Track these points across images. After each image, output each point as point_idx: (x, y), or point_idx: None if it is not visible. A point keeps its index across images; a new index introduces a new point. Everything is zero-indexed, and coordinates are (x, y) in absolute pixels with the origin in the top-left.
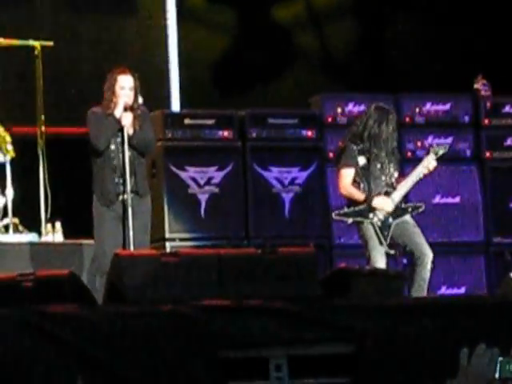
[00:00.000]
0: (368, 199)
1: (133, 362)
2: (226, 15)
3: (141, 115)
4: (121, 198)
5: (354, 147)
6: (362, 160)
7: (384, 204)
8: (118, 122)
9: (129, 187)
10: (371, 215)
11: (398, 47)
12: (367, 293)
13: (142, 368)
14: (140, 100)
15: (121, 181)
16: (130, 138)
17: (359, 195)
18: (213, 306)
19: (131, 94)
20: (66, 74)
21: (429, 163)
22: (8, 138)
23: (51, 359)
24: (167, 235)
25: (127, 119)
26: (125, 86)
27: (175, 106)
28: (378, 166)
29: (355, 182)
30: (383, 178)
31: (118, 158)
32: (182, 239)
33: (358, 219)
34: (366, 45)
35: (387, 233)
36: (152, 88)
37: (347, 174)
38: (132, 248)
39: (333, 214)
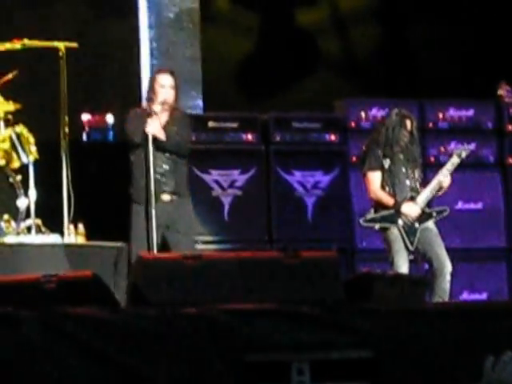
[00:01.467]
0: (397, 205)
1: (156, 365)
2: (250, 18)
3: (179, 118)
4: (159, 199)
5: (379, 151)
6: (386, 164)
7: (412, 210)
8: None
9: (163, 188)
10: (399, 220)
11: (423, 52)
12: (390, 297)
13: (166, 372)
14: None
15: (158, 180)
16: (162, 141)
17: (388, 200)
18: (236, 309)
19: (171, 93)
20: (90, 75)
21: (452, 166)
22: (32, 140)
23: (72, 361)
24: None
25: (163, 118)
26: (164, 85)
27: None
28: (403, 170)
29: (381, 186)
30: (407, 182)
31: (154, 159)
32: (204, 242)
33: (386, 225)
34: (390, 49)
35: (413, 238)
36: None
37: (375, 178)
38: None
39: (360, 220)
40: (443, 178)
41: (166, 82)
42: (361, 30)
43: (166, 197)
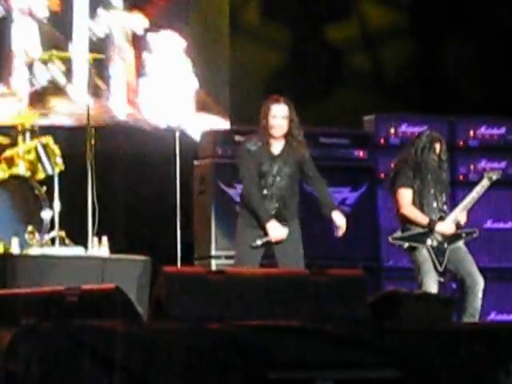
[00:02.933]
0: (432, 223)
1: (178, 380)
2: (279, 32)
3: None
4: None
5: (409, 171)
6: (415, 184)
7: (447, 229)
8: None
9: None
10: (428, 240)
11: (454, 69)
12: (417, 317)
13: None
14: None
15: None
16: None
17: (422, 217)
18: (260, 326)
19: (285, 124)
20: None
21: (482, 188)
22: (57, 151)
23: (94, 374)
24: (213, 252)
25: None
26: (277, 115)
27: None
28: (431, 191)
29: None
30: (435, 204)
31: (271, 185)
32: (228, 257)
33: (415, 244)
34: (420, 66)
35: (442, 258)
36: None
37: (407, 194)
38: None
39: (389, 238)
40: (475, 196)
41: (278, 112)
42: (391, 46)
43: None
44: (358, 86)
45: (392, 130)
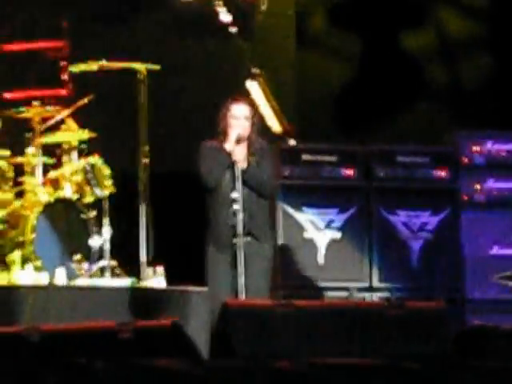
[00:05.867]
0: None
1: None
2: (349, 41)
3: (259, 150)
4: (234, 241)
5: None
6: None
7: None
8: (230, 156)
9: (240, 229)
10: None
11: None
12: (505, 354)
13: None
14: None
15: (235, 223)
16: (242, 174)
17: None
18: (334, 364)
19: (246, 125)
20: (171, 102)
21: None
22: (107, 172)
23: None
24: (281, 282)
25: (239, 153)
26: (238, 116)
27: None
28: None
29: None
30: None
31: (231, 197)
32: (296, 287)
33: None
34: (502, 80)
35: None
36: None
37: None
38: (243, 295)
39: (495, 278)
40: None
41: (239, 113)
42: (470, 57)
43: (239, 239)
44: (435, 99)
45: (476, 148)
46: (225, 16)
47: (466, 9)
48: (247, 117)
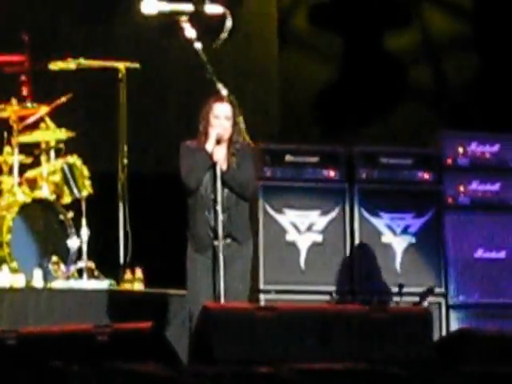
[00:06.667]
0: None
1: None
2: (333, 41)
3: (239, 151)
4: (214, 243)
5: None
6: None
7: None
8: (210, 156)
9: (220, 231)
10: None
11: None
12: (490, 359)
13: None
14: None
15: (215, 224)
16: (222, 175)
17: None
18: (315, 369)
19: (227, 125)
20: (152, 100)
21: None
22: (86, 172)
23: None
24: (262, 286)
25: (220, 154)
26: (219, 115)
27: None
28: None
29: None
30: None
31: (211, 198)
32: (278, 291)
33: None
34: (488, 79)
35: None
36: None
37: None
38: (223, 299)
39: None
40: None
41: (221, 112)
42: (455, 57)
43: (219, 241)
44: (418, 100)
45: (460, 150)
46: (189, 32)
47: (451, 8)
48: (228, 117)
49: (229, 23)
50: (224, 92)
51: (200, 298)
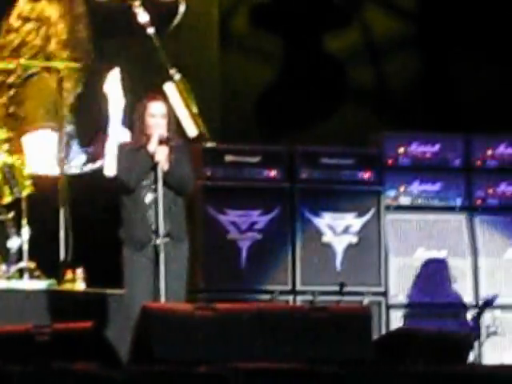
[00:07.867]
0: None
1: None
2: (273, 42)
3: (176, 148)
4: (153, 242)
5: None
6: None
7: None
8: (152, 157)
9: (161, 230)
10: None
11: (466, 83)
12: (428, 358)
13: None
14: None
15: (154, 223)
16: (164, 174)
17: None
18: (253, 368)
19: (164, 124)
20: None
21: None
22: (26, 172)
23: None
24: (202, 286)
25: (162, 154)
26: (155, 114)
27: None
28: None
29: None
30: None
31: (149, 197)
32: (218, 291)
33: None
34: (429, 79)
35: None
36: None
37: None
38: (163, 298)
39: None
40: None
41: (157, 111)
42: (397, 58)
43: (159, 240)
44: (360, 101)
45: (401, 150)
46: (142, 17)
47: (393, 9)
48: (164, 115)
49: (182, 8)
50: (177, 76)
51: (138, 298)
